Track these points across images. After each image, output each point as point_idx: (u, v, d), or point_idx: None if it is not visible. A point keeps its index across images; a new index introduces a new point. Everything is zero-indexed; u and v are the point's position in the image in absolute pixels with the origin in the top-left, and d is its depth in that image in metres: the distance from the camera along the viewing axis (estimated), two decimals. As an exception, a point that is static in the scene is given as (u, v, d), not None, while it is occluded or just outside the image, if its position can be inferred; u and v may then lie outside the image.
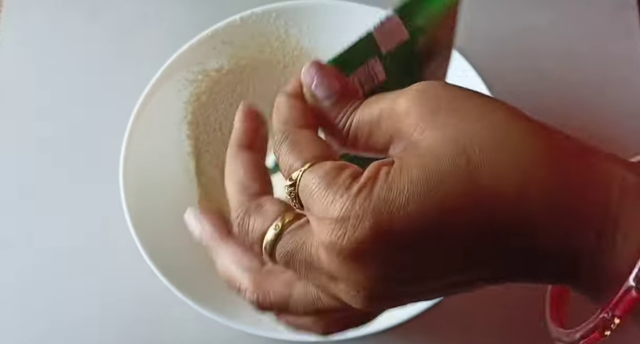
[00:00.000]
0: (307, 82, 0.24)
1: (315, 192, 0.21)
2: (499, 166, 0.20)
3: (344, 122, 0.24)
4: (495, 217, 0.20)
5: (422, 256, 0.20)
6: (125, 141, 0.48)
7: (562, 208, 0.20)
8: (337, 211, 0.20)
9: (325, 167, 0.22)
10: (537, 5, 0.61)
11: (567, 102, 0.57)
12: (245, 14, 0.52)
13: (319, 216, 0.21)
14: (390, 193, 0.20)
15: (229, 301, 0.47)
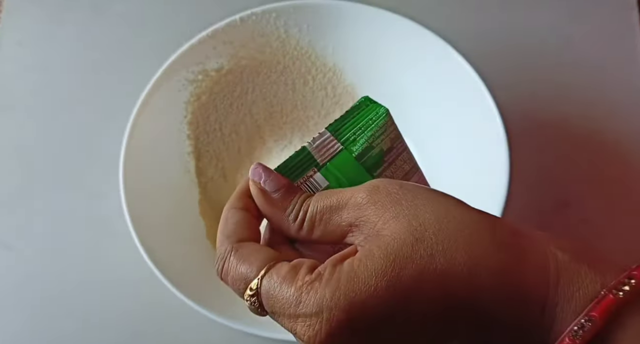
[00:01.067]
0: (255, 179, 0.27)
1: (280, 295, 0.23)
2: (453, 251, 0.23)
3: (297, 211, 0.26)
4: (450, 295, 0.22)
5: (394, 334, 0.23)
6: (125, 140, 0.48)
7: (508, 288, 0.23)
8: (309, 307, 0.22)
9: (282, 269, 0.24)
10: (537, 5, 0.61)
11: (566, 102, 0.57)
12: (245, 14, 0.52)
13: (290, 317, 0.23)
14: (357, 283, 0.22)
15: (229, 301, 0.47)
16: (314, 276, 0.23)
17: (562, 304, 0.23)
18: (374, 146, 0.29)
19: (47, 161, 0.56)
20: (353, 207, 0.25)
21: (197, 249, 0.50)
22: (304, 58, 0.55)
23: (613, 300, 0.22)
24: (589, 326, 0.22)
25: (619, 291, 0.22)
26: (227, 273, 0.25)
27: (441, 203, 0.24)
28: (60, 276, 0.52)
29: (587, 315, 0.22)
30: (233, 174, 0.53)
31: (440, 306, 0.22)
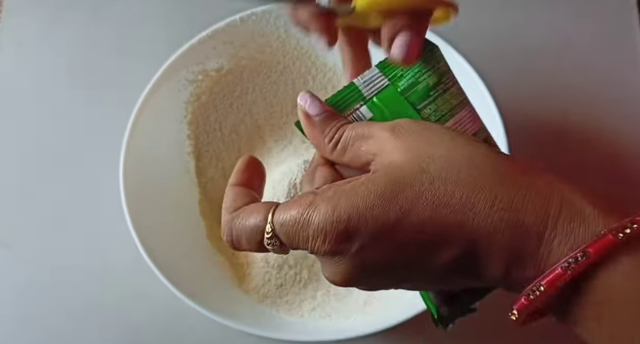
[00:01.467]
0: (301, 104, 0.29)
1: (291, 225, 0.26)
2: (454, 181, 0.25)
3: (332, 134, 0.28)
4: (442, 219, 0.24)
5: (390, 248, 0.25)
6: (126, 140, 0.48)
7: (506, 218, 0.24)
8: (316, 224, 0.25)
9: (287, 204, 0.26)
10: (537, 5, 0.61)
11: (567, 102, 0.57)
12: (245, 14, 0.52)
13: (306, 240, 0.25)
14: (356, 200, 0.25)
15: (229, 301, 0.47)
16: (313, 196, 0.25)
17: (560, 238, 0.23)
18: (420, 81, 0.30)
19: (47, 160, 0.56)
20: (377, 139, 0.27)
21: (197, 249, 0.50)
22: (304, 58, 0.55)
23: (612, 240, 0.22)
24: (582, 260, 0.22)
25: (619, 233, 0.23)
26: (238, 236, 0.27)
27: (455, 140, 0.26)
28: (60, 276, 0.52)
29: (582, 250, 0.23)
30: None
31: (431, 228, 0.24)
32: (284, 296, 0.49)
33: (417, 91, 0.30)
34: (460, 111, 0.31)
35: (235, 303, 0.47)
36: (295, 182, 0.48)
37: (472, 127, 0.31)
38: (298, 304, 0.48)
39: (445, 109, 0.30)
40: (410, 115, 0.30)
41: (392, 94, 0.30)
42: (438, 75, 0.31)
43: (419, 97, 0.30)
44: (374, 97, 0.30)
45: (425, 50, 0.31)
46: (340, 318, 0.48)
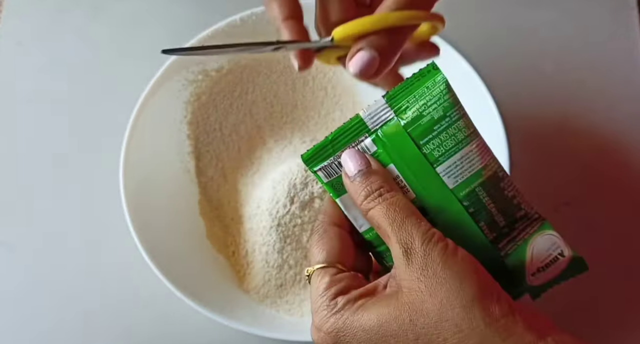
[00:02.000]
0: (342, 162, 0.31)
1: (313, 294, 0.30)
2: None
3: (364, 208, 0.30)
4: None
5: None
6: (126, 140, 0.48)
7: None
8: (317, 320, 0.29)
9: (326, 278, 0.30)
10: (537, 5, 0.61)
11: (566, 102, 0.57)
12: (245, 14, 0.52)
13: (312, 311, 0.30)
14: (350, 328, 0.28)
15: (228, 301, 0.47)
16: (333, 304, 0.29)
17: None
18: (425, 114, 0.30)
19: (47, 160, 0.56)
20: (391, 244, 0.29)
21: (197, 249, 0.50)
22: (304, 58, 0.55)
23: None
24: None
25: None
26: (310, 245, 0.32)
27: (446, 297, 0.27)
28: (61, 276, 0.52)
29: None
30: (233, 174, 0.54)
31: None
32: (284, 296, 0.49)
33: (421, 125, 0.30)
34: (467, 146, 0.30)
35: (235, 302, 0.47)
36: (295, 183, 0.48)
37: (481, 161, 0.30)
38: (298, 304, 0.49)
39: (449, 144, 0.30)
40: (410, 151, 0.30)
41: (395, 128, 0.30)
42: (443, 108, 0.30)
43: (422, 132, 0.30)
44: (378, 130, 0.31)
45: (433, 82, 0.31)
46: (340, 318, 0.48)
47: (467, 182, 0.30)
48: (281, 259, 0.49)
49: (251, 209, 0.50)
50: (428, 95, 0.30)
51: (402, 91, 0.31)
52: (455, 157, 0.30)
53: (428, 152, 0.30)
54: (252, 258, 0.50)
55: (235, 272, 0.50)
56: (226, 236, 0.51)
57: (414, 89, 0.31)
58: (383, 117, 0.30)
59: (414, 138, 0.30)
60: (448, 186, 0.30)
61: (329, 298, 0.29)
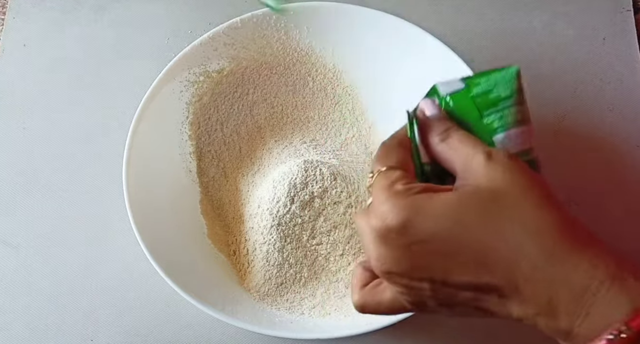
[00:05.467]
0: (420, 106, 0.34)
1: (380, 188, 0.30)
2: (516, 223, 0.27)
3: (444, 136, 0.32)
4: (493, 253, 0.27)
5: (425, 253, 0.28)
6: (128, 141, 0.49)
7: (549, 276, 0.27)
8: (386, 207, 0.29)
9: (395, 174, 0.31)
10: (534, 6, 0.61)
11: (564, 103, 0.58)
12: (246, 16, 0.53)
13: (376, 207, 0.30)
14: (423, 211, 0.28)
15: (229, 299, 0.47)
16: (406, 188, 0.29)
17: (599, 304, 0.26)
18: (493, 91, 0.33)
19: (50, 161, 0.56)
20: (471, 156, 0.30)
21: (198, 248, 0.50)
22: (304, 59, 0.56)
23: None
24: (626, 335, 0.24)
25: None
26: (376, 156, 0.33)
27: (528, 189, 0.28)
28: (63, 275, 0.52)
29: (625, 323, 0.24)
30: (234, 174, 0.54)
31: (478, 255, 0.27)
32: (285, 295, 0.49)
33: (488, 98, 0.33)
34: (523, 126, 0.33)
35: (236, 301, 0.48)
36: (295, 182, 0.49)
37: (527, 143, 0.33)
38: (298, 303, 0.49)
39: (509, 120, 0.33)
40: (473, 117, 0.33)
41: (464, 96, 0.33)
42: (511, 90, 0.33)
43: (487, 104, 0.33)
44: (447, 96, 0.33)
45: (507, 71, 0.33)
46: (340, 315, 0.48)
47: (518, 155, 0.32)
48: (281, 258, 0.49)
49: (252, 208, 0.51)
50: (500, 78, 0.33)
51: (479, 74, 0.34)
52: (511, 131, 0.33)
53: (489, 122, 0.33)
54: (252, 256, 0.50)
55: (236, 271, 0.50)
56: (227, 235, 0.52)
57: (490, 73, 0.33)
58: (455, 87, 0.33)
59: (479, 107, 0.33)
60: None
61: (404, 184, 0.30)
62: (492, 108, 0.33)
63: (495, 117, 0.33)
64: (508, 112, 0.33)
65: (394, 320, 0.44)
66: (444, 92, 0.34)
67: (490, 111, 0.33)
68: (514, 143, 0.33)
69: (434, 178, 0.33)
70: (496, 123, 0.33)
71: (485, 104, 0.33)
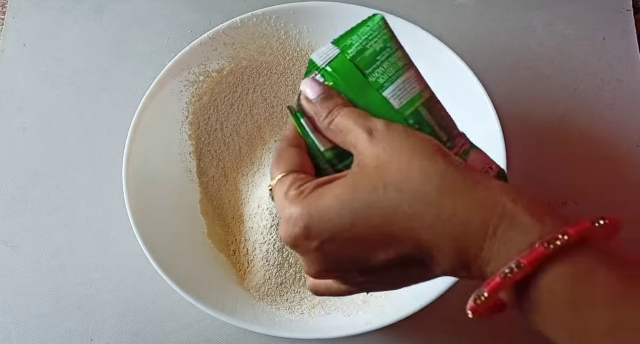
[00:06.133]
0: (303, 88, 0.34)
1: (277, 199, 0.31)
2: (404, 194, 0.28)
3: (329, 121, 0.32)
4: (392, 227, 0.28)
5: (342, 247, 0.29)
6: (128, 141, 0.49)
7: (447, 229, 0.28)
8: (287, 214, 0.30)
9: (289, 179, 0.31)
10: (534, 6, 0.61)
11: (564, 103, 0.58)
12: (245, 16, 0.53)
13: (280, 215, 0.31)
14: (321, 204, 0.29)
15: (229, 299, 0.47)
16: (297, 193, 0.30)
17: (499, 246, 0.27)
18: (368, 47, 0.33)
19: (50, 161, 0.56)
20: (357, 136, 0.31)
21: (198, 248, 0.50)
22: (304, 59, 0.56)
23: (543, 252, 0.26)
24: (517, 271, 0.26)
25: (550, 245, 0.26)
26: (270, 166, 0.34)
27: (415, 154, 0.29)
28: (62, 275, 0.52)
29: (517, 262, 0.26)
30: (234, 174, 0.54)
31: (380, 232, 0.28)
32: (285, 295, 0.49)
33: (365, 57, 0.33)
34: (407, 72, 0.33)
35: (236, 301, 0.48)
36: (295, 182, 0.49)
37: (419, 85, 0.33)
38: (298, 303, 0.49)
39: (392, 71, 0.33)
40: (359, 80, 0.33)
41: (343, 62, 0.33)
42: (384, 41, 0.33)
43: (367, 62, 0.33)
44: (327, 66, 0.33)
45: (372, 22, 0.34)
46: (340, 315, 0.48)
47: (411, 102, 0.33)
48: (281, 258, 0.49)
49: (252, 208, 0.51)
50: (369, 31, 0.33)
51: (347, 34, 0.34)
52: (398, 82, 0.33)
53: (374, 80, 0.33)
54: (252, 256, 0.50)
55: (236, 271, 0.50)
56: (227, 235, 0.52)
57: (357, 29, 0.34)
58: (331, 55, 0.34)
59: (361, 68, 0.33)
60: (395, 107, 0.33)
61: (297, 188, 0.30)
62: (373, 65, 0.33)
63: (379, 74, 0.33)
64: (388, 64, 0.33)
65: (394, 320, 0.44)
66: (321, 62, 0.34)
67: (372, 69, 0.33)
68: (403, 92, 0.33)
69: (340, 161, 0.34)
70: (381, 79, 0.33)
71: (365, 64, 0.33)
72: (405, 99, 0.33)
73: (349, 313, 0.48)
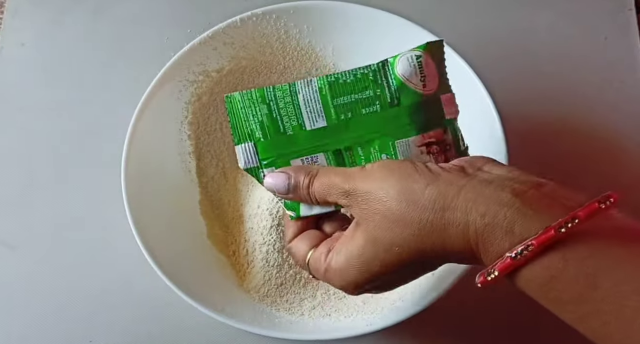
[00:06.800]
0: (269, 185, 0.38)
1: (315, 270, 0.37)
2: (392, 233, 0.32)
3: (306, 196, 0.37)
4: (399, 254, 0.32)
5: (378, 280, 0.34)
6: (127, 141, 0.48)
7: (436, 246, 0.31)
8: (321, 277, 0.37)
9: (316, 253, 0.37)
10: (536, 5, 0.61)
11: (565, 102, 0.58)
12: (245, 15, 0.53)
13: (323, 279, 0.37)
14: (343, 271, 0.35)
15: (229, 300, 0.47)
16: (320, 264, 0.36)
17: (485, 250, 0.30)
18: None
19: (49, 161, 0.56)
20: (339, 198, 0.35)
21: (198, 248, 0.50)
22: (304, 59, 0.55)
23: (553, 235, 0.27)
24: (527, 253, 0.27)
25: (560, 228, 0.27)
26: (291, 251, 0.39)
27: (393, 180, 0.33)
28: (62, 276, 0.52)
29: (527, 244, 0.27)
30: (233, 174, 0.54)
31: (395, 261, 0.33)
32: (284, 295, 0.49)
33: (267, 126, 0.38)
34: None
35: (236, 302, 0.47)
36: (295, 182, 0.49)
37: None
38: (298, 303, 0.49)
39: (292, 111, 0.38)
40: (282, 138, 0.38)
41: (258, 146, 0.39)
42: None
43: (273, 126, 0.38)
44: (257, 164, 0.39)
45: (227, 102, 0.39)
46: (340, 316, 0.48)
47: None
48: (281, 258, 0.49)
49: (251, 208, 0.51)
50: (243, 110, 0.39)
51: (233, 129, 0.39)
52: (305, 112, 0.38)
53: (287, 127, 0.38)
54: (252, 257, 0.50)
55: (236, 271, 0.50)
56: (227, 235, 0.52)
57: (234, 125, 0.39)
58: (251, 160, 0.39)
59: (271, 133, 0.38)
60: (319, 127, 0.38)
61: (314, 262, 0.37)
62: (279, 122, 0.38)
63: (287, 121, 0.38)
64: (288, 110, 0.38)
65: (393, 322, 0.44)
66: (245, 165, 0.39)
67: (280, 123, 0.38)
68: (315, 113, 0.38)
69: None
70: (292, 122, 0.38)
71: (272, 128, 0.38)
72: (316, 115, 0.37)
73: (349, 314, 0.48)
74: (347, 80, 0.37)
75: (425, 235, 0.31)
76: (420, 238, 0.31)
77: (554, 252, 0.27)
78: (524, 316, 0.49)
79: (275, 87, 0.37)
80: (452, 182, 0.31)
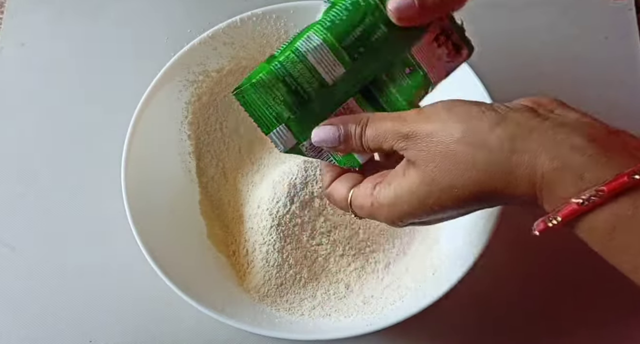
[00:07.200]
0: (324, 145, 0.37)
1: (364, 213, 0.36)
2: (481, 164, 0.31)
3: (359, 146, 0.35)
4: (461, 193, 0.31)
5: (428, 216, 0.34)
6: (127, 141, 0.48)
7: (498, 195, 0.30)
8: (366, 211, 0.36)
9: (360, 190, 0.36)
10: (536, 5, 0.61)
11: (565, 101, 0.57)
12: (245, 15, 0.53)
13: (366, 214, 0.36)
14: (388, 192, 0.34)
15: (229, 300, 0.47)
16: (370, 202, 0.35)
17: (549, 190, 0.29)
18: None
19: (49, 161, 0.56)
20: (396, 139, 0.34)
21: (198, 248, 0.50)
22: (304, 59, 0.55)
23: (626, 181, 0.26)
24: (595, 199, 0.26)
25: (635, 174, 0.26)
26: (330, 195, 0.38)
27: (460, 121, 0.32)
28: (61, 276, 0.52)
29: (597, 189, 0.26)
30: (233, 173, 0.54)
31: (451, 202, 0.32)
32: (284, 295, 0.49)
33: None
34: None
35: (236, 302, 0.47)
36: (295, 183, 0.49)
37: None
38: (298, 303, 0.49)
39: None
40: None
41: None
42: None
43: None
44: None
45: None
46: (340, 316, 0.48)
47: None
48: (281, 258, 0.49)
49: (251, 208, 0.51)
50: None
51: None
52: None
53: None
54: (252, 257, 0.50)
55: (236, 271, 0.50)
56: (227, 235, 0.52)
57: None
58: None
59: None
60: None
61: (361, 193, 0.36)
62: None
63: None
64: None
65: (394, 322, 0.44)
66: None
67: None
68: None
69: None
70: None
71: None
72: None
73: (349, 314, 0.48)
74: (343, 17, 0.35)
75: (489, 178, 0.30)
76: (482, 180, 0.30)
77: (624, 197, 0.26)
78: (524, 316, 0.49)
79: (282, 61, 0.35)
80: (522, 124, 0.30)
